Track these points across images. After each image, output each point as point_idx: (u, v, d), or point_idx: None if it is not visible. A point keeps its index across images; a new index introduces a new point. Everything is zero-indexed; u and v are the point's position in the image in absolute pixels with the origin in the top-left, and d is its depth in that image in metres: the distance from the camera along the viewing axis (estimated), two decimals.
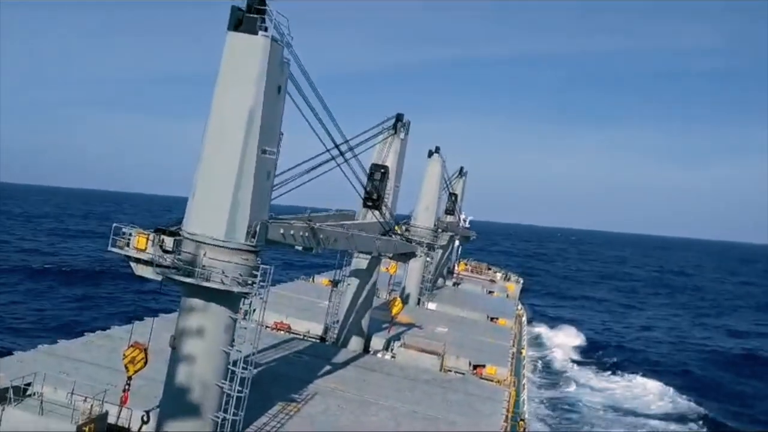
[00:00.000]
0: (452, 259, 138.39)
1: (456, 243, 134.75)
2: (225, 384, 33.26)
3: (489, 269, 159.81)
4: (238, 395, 33.29)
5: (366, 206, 55.36)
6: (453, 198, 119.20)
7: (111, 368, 41.54)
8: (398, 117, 60.94)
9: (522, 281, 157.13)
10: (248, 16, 31.65)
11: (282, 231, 35.94)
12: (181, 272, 31.94)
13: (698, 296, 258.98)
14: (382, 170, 56.43)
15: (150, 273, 32.33)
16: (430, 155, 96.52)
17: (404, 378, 55.84)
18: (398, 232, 60.31)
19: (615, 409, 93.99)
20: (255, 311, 33.89)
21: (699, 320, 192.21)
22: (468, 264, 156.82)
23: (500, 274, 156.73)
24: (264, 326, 51.12)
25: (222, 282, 31.87)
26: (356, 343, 62.27)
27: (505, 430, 48.53)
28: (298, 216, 40.32)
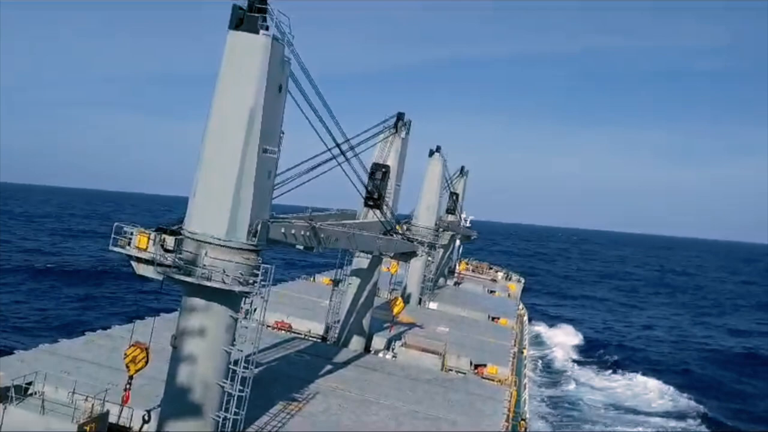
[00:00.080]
0: (453, 259, 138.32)
1: (457, 242, 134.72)
2: (226, 383, 33.23)
3: (490, 269, 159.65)
4: (239, 394, 33.28)
5: (367, 205, 55.34)
6: (454, 197, 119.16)
7: (112, 367, 41.57)
8: (399, 116, 60.91)
9: (523, 281, 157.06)
10: (249, 15, 31.60)
11: (283, 230, 35.91)
12: (182, 271, 31.91)
13: (699, 296, 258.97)
14: (383, 169, 56.40)
15: (151, 272, 32.31)
16: (431, 154, 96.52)
17: (405, 377, 55.80)
18: (399, 232, 60.27)
19: (615, 408, 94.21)
20: (256, 310, 33.88)
21: (700, 319, 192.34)
22: (469, 263, 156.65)
23: (501, 274, 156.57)
24: (265, 326, 51.16)
25: (223, 281, 31.84)
26: (357, 343, 62.24)
27: (507, 430, 48.46)
28: (300, 215, 40.30)
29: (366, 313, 62.46)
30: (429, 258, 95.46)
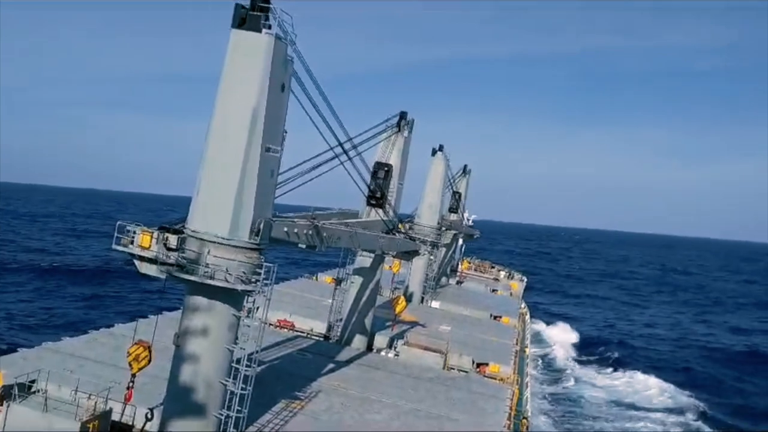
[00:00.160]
0: (456, 258, 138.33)
1: (459, 241, 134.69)
2: (229, 381, 33.30)
3: (492, 267, 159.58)
4: (242, 393, 33.35)
5: (370, 204, 55.38)
6: (456, 196, 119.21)
7: (115, 366, 41.64)
8: (402, 115, 60.95)
9: (526, 279, 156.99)
10: (252, 14, 31.64)
11: (286, 229, 35.95)
12: (185, 270, 31.97)
13: (701, 294, 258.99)
14: (386, 168, 56.45)
15: (154, 271, 32.33)
16: (434, 153, 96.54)
17: (407, 376, 55.81)
18: (402, 231, 60.31)
19: (616, 405, 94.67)
20: (258, 309, 33.95)
21: (701, 317, 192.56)
22: (471, 262, 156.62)
23: (504, 273, 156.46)
24: (268, 324, 51.39)
25: (226, 280, 31.91)
26: (360, 341, 62.28)
27: (508, 428, 48.47)
28: (302, 214, 40.32)
29: (368, 312, 62.49)
30: (431, 257, 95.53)
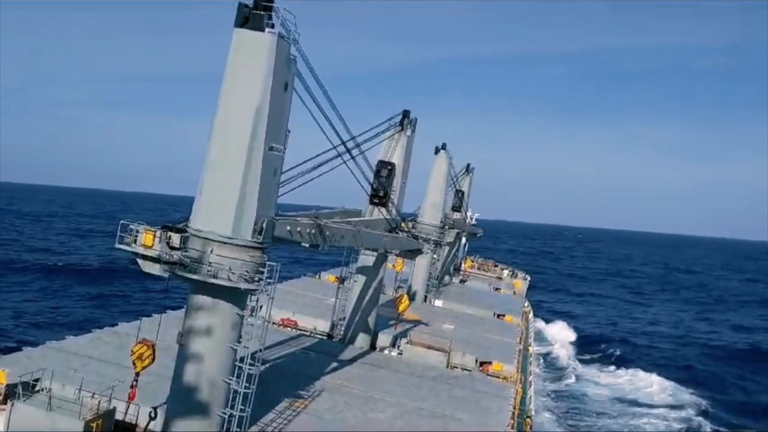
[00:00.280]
0: (459, 257, 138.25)
1: (463, 240, 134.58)
2: (232, 380, 33.33)
3: (496, 266, 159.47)
4: (245, 391, 33.35)
5: (373, 203, 55.33)
6: (460, 195, 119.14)
7: (119, 364, 41.64)
8: (405, 114, 60.84)
9: (529, 278, 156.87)
10: (255, 13, 31.60)
11: (289, 228, 35.91)
12: (188, 269, 31.99)
13: (704, 292, 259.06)
14: (389, 167, 56.39)
15: (157, 270, 32.33)
16: (437, 152, 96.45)
17: (411, 375, 55.79)
18: (405, 229, 60.28)
19: (619, 402, 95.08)
20: (262, 308, 33.97)
21: (704, 315, 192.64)
22: (475, 261, 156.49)
23: (507, 271, 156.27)
24: (271, 323, 51.35)
25: (229, 279, 31.92)
26: (363, 340, 62.29)
27: (512, 427, 48.42)
28: (305, 213, 40.31)
29: (371, 311, 62.49)
30: (434, 255, 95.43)
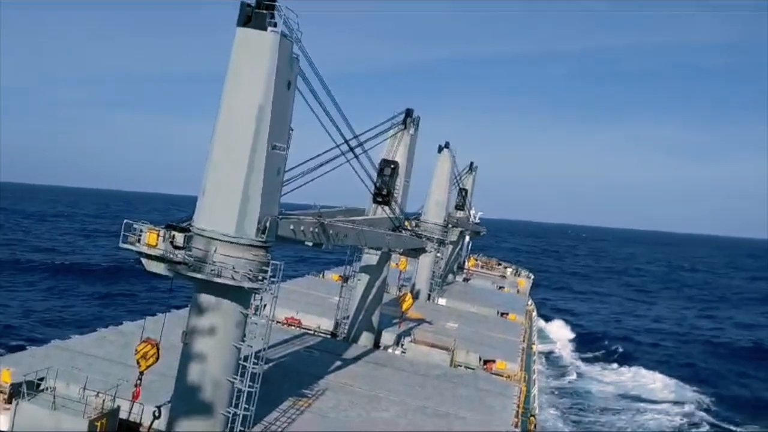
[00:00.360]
0: (462, 255, 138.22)
1: (466, 239, 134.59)
2: (236, 379, 33.37)
3: (499, 265, 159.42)
4: (249, 390, 33.40)
5: (376, 202, 55.36)
6: (463, 193, 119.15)
7: (123, 363, 41.66)
8: (408, 112, 60.80)
9: (533, 277, 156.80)
10: (257, 12, 31.62)
11: (292, 227, 35.91)
12: (192, 268, 32.03)
13: (707, 290, 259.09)
14: (392, 166, 56.38)
15: (161, 269, 32.41)
16: (440, 150, 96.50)
17: (414, 373, 55.83)
18: (408, 228, 60.27)
19: (622, 398, 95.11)
20: (266, 307, 33.99)
21: (707, 312, 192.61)
22: (478, 260, 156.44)
23: (511, 270, 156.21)
24: (275, 321, 51.40)
25: (232, 278, 31.95)
26: (367, 339, 62.32)
27: (516, 426, 48.42)
28: (308, 212, 40.33)
29: (375, 310, 62.53)
30: (438, 254, 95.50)
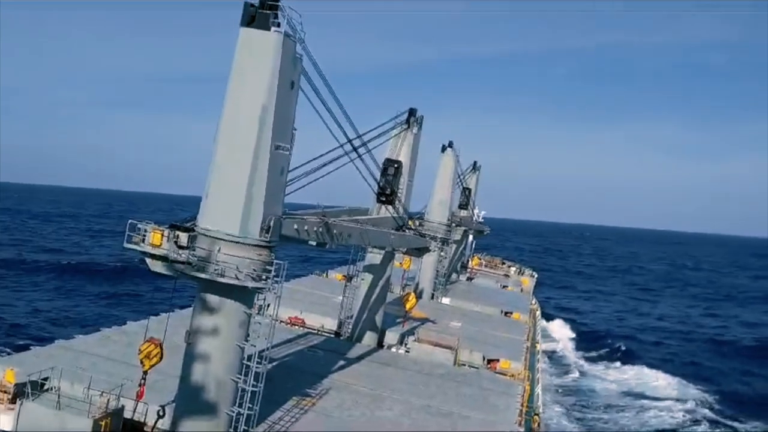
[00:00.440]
0: (466, 254, 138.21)
1: (470, 238, 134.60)
2: (240, 379, 33.41)
3: (503, 264, 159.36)
4: (253, 390, 33.43)
5: (379, 201, 55.36)
6: (466, 192, 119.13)
7: (127, 363, 41.72)
8: (411, 112, 60.83)
9: (536, 276, 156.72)
10: (261, 12, 31.65)
11: (296, 226, 35.96)
12: (196, 268, 32.07)
13: (711, 289, 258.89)
14: (396, 165, 56.38)
15: (165, 269, 32.46)
16: (444, 150, 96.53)
17: (418, 372, 55.85)
18: (412, 227, 60.28)
19: (625, 396, 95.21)
20: (269, 306, 34.03)
21: (710, 311, 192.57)
22: (482, 259, 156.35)
23: (514, 269, 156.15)
24: (279, 321, 51.48)
25: (236, 277, 31.99)
26: (370, 338, 62.33)
27: (520, 425, 48.41)
28: (312, 211, 40.36)
29: (379, 309, 62.53)
30: (442, 253, 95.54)
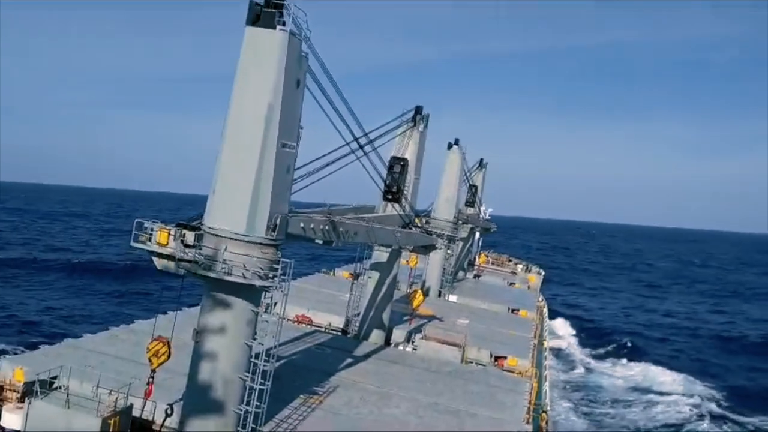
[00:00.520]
0: (473, 252, 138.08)
1: (477, 235, 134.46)
2: (247, 377, 33.50)
3: (510, 261, 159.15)
4: (261, 388, 33.52)
5: (386, 199, 55.38)
6: (473, 190, 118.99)
7: (135, 361, 41.91)
8: (417, 109, 60.75)
9: (543, 273, 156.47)
10: (266, 11, 31.66)
11: (302, 224, 36.01)
12: (203, 266, 32.15)
13: (718, 285, 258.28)
14: (402, 163, 56.37)
15: (172, 267, 32.54)
16: (450, 147, 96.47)
17: (425, 370, 55.85)
18: (418, 225, 60.27)
19: (632, 392, 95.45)
20: (276, 305, 34.10)
21: (717, 307, 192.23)
22: (489, 256, 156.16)
23: (521, 266, 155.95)
24: (285, 319, 51.57)
25: (243, 276, 32.06)
26: (377, 336, 62.37)
27: (528, 422, 48.40)
28: (318, 210, 40.41)
29: (386, 307, 62.56)
30: (448, 251, 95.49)
